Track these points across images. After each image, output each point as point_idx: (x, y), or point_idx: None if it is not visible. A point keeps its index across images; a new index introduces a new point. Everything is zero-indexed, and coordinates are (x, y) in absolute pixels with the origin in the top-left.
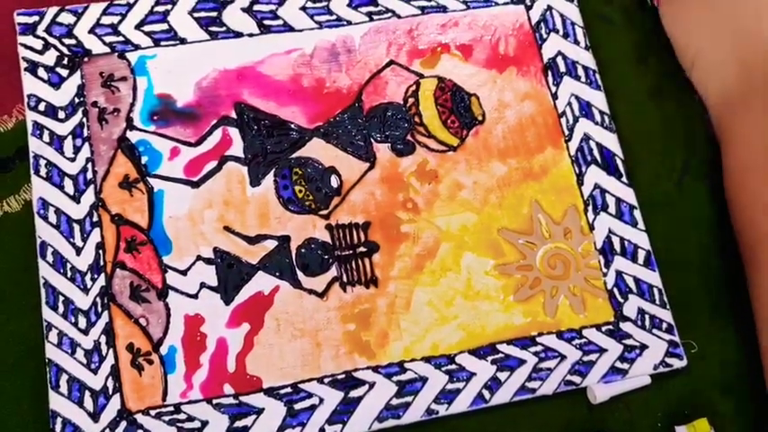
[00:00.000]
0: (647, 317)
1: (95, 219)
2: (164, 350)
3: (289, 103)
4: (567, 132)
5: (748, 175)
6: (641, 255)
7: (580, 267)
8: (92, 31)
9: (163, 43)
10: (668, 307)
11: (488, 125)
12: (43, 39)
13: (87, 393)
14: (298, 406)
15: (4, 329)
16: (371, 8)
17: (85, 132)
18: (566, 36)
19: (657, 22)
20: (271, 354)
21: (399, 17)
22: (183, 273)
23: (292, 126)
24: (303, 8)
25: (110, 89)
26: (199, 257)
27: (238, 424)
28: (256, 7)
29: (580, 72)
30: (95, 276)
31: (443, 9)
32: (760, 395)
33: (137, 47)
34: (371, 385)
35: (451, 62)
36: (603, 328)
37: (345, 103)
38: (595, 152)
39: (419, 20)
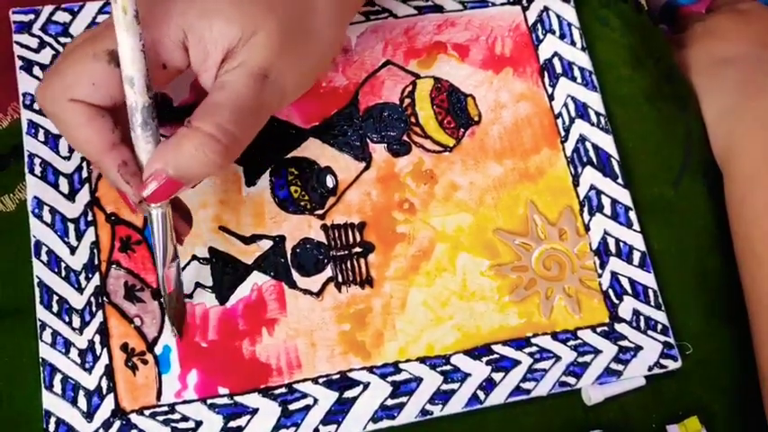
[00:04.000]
0: (641, 318)
1: (90, 218)
2: (158, 350)
3: None
4: (563, 133)
5: (754, 193)
6: (636, 256)
7: (575, 268)
8: (87, 29)
9: None
10: (663, 308)
11: (484, 126)
12: (39, 37)
13: (81, 393)
14: (292, 406)
15: None
16: (368, 8)
17: None
18: (562, 37)
19: (653, 25)
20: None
21: (396, 17)
22: None
23: (288, 126)
24: None
25: None
26: (194, 257)
27: (233, 424)
28: None
29: (576, 73)
30: (90, 276)
31: (440, 9)
32: (754, 396)
33: None
34: (366, 386)
35: (448, 63)
36: (598, 330)
37: (341, 103)
38: (591, 153)
39: (416, 20)
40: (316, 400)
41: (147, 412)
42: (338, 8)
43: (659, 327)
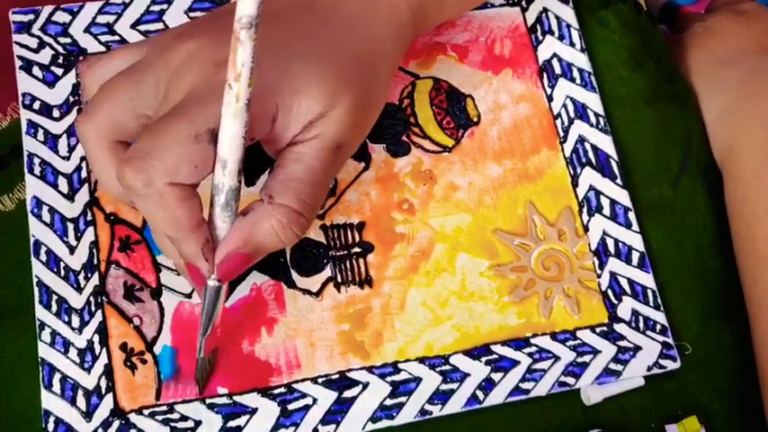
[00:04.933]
0: (640, 318)
1: (89, 217)
2: (157, 349)
3: None
4: (562, 134)
5: (755, 193)
6: (635, 256)
7: (574, 269)
8: (87, 30)
9: None
10: (662, 309)
11: (484, 126)
12: (38, 37)
13: (80, 392)
14: (291, 406)
15: None
16: None
17: None
18: (561, 38)
19: (653, 25)
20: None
21: None
22: (178, 272)
23: None
24: None
25: None
26: None
27: (232, 424)
28: None
29: (575, 74)
30: (89, 275)
31: None
32: (753, 396)
33: None
34: (365, 385)
35: (447, 63)
36: (597, 330)
37: None
38: (590, 154)
39: None
40: (315, 400)
41: (146, 412)
42: (394, 68)
43: (658, 327)
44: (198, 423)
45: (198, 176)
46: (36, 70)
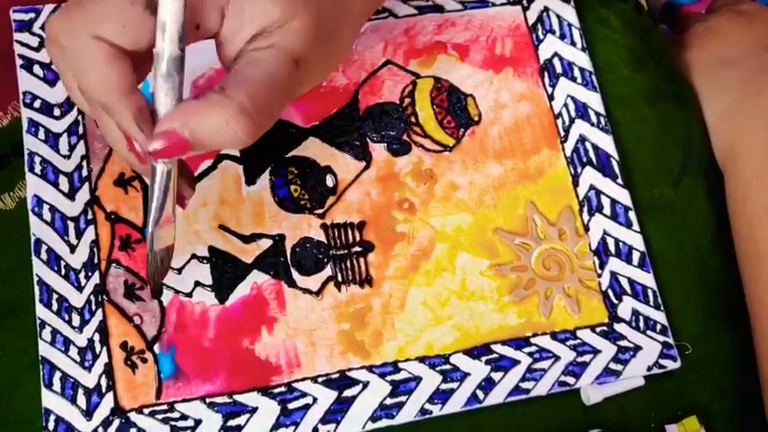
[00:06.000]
0: (641, 318)
1: (90, 216)
2: (158, 348)
3: None
4: (562, 133)
5: (756, 193)
6: (636, 256)
7: (575, 268)
8: None
9: None
10: (662, 308)
11: (484, 126)
12: (39, 36)
13: (81, 391)
14: (291, 405)
15: None
16: None
17: (81, 130)
18: (562, 37)
19: (654, 25)
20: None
21: (396, 17)
22: (178, 271)
23: (288, 125)
24: None
25: None
26: (194, 256)
27: (232, 423)
28: None
29: (576, 73)
30: (89, 274)
31: (440, 9)
32: (753, 396)
33: None
34: (365, 385)
35: (448, 62)
36: (597, 330)
37: (341, 103)
38: (591, 153)
39: (416, 20)
40: (315, 399)
41: (146, 411)
42: (363, 9)
43: (658, 327)
44: (198, 422)
45: (126, 39)
46: (37, 69)
